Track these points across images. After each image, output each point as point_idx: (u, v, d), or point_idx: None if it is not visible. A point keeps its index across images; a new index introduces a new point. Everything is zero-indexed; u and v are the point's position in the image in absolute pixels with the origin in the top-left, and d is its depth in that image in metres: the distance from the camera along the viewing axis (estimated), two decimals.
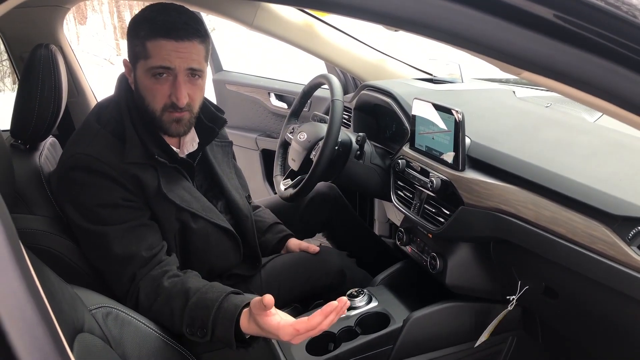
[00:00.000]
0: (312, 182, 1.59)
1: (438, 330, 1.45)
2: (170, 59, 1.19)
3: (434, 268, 1.49)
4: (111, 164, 1.21)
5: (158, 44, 1.18)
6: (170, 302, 1.18)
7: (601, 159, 1.19)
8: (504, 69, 0.67)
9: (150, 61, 1.20)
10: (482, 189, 1.26)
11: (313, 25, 2.00)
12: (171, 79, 1.21)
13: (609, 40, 0.61)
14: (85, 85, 2.10)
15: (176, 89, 1.21)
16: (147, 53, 1.20)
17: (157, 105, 1.24)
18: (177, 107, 1.23)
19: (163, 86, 1.22)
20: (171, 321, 1.17)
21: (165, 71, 1.20)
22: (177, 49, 1.19)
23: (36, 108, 1.29)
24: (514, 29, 0.60)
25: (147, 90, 1.23)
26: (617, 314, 1.09)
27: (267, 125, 2.64)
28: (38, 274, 0.85)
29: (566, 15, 0.59)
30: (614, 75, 0.63)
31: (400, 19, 0.56)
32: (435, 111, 1.38)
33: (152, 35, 1.18)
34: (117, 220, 1.22)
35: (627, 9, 0.60)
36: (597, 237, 1.02)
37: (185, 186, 1.34)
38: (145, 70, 1.21)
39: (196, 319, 1.14)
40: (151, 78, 1.21)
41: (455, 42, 0.59)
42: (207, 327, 1.12)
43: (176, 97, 1.21)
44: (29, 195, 1.29)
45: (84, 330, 0.94)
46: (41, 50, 1.30)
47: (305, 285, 1.57)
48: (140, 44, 1.20)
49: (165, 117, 1.25)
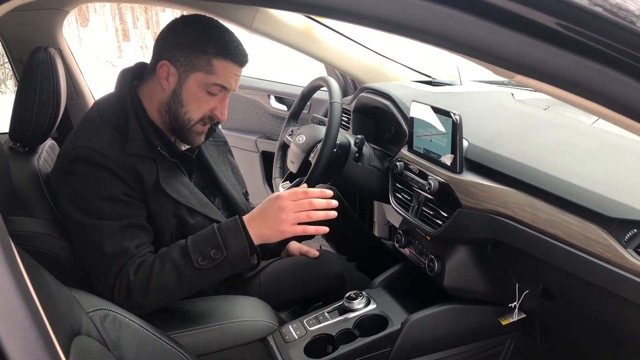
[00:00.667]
0: (311, 184, 1.59)
1: (436, 333, 1.45)
2: (231, 82, 1.29)
3: (432, 270, 1.49)
4: (112, 157, 1.23)
5: (226, 65, 1.27)
6: (167, 257, 1.22)
7: (598, 161, 1.19)
8: (497, 72, 0.67)
9: (213, 78, 1.27)
10: (479, 191, 1.27)
11: (312, 28, 2.01)
12: (220, 96, 1.31)
13: (603, 45, 0.61)
14: (84, 88, 2.10)
15: (223, 106, 1.32)
16: (211, 69, 1.26)
17: (196, 116, 1.30)
18: (213, 121, 1.34)
19: (211, 101, 1.30)
20: (177, 272, 1.21)
21: (222, 90, 1.30)
22: (237, 73, 1.30)
23: (34, 111, 1.29)
24: (506, 32, 0.60)
25: (195, 101, 1.29)
26: (614, 316, 1.09)
27: (267, 127, 2.65)
28: (34, 276, 0.85)
29: (561, 20, 0.59)
30: (607, 78, 0.63)
31: (392, 23, 0.56)
32: (433, 113, 1.39)
33: (223, 56, 1.26)
34: (114, 215, 1.23)
35: (625, 15, 0.60)
36: (593, 240, 1.02)
37: (184, 181, 1.35)
38: (202, 83, 1.28)
39: (205, 247, 1.22)
40: (204, 91, 1.28)
41: (448, 46, 0.59)
42: (219, 247, 1.21)
43: (221, 112, 1.32)
44: (28, 198, 1.30)
45: (81, 332, 0.94)
46: (40, 54, 1.30)
47: (305, 288, 1.58)
48: (206, 59, 1.26)
49: (197, 127, 1.32)
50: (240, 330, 1.32)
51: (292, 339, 1.41)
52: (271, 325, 1.36)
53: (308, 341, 1.40)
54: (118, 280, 1.22)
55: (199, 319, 1.31)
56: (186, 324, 1.29)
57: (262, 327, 1.35)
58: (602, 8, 0.59)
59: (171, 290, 1.23)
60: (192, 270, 1.22)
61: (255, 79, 2.68)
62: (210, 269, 1.22)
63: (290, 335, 1.42)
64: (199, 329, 1.28)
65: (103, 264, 1.23)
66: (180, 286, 1.23)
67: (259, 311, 1.37)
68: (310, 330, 1.44)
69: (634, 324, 1.05)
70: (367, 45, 2.14)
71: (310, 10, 0.64)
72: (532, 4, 0.59)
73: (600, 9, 0.59)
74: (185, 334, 1.27)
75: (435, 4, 0.55)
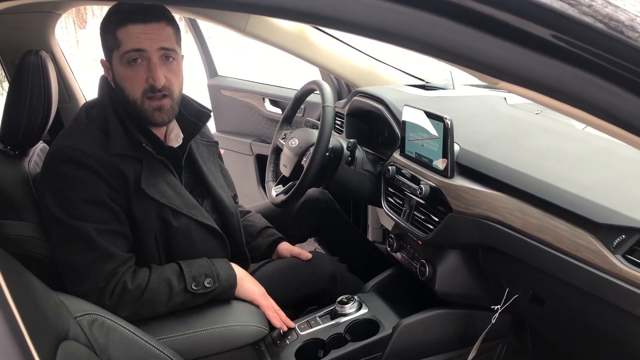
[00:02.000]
0: (303, 188, 1.59)
1: (427, 338, 1.44)
2: (140, 41, 1.22)
3: (423, 275, 1.49)
4: (97, 158, 1.23)
5: (127, 30, 1.22)
6: (164, 275, 1.28)
7: (588, 167, 1.20)
8: (481, 79, 0.67)
9: (122, 48, 1.23)
10: (470, 196, 1.26)
11: (305, 32, 2.01)
12: (145, 63, 1.24)
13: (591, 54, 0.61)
14: (77, 91, 2.10)
15: (151, 70, 1.24)
16: (118, 42, 1.23)
17: (136, 93, 1.26)
18: (155, 90, 1.25)
19: (139, 71, 1.24)
20: (170, 290, 1.28)
21: (139, 55, 1.23)
22: (146, 31, 1.22)
23: (25, 114, 1.29)
24: (489, 39, 0.60)
25: (125, 79, 1.26)
26: (603, 321, 1.09)
27: (261, 130, 2.64)
28: (20, 280, 0.85)
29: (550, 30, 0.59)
30: (594, 87, 0.63)
31: (374, 30, 0.56)
32: (425, 117, 1.39)
33: (121, 23, 1.22)
34: (99, 219, 1.23)
35: (615, 25, 0.60)
36: (582, 245, 1.02)
37: (170, 181, 1.34)
38: (119, 59, 1.25)
39: (199, 275, 1.31)
40: (126, 66, 1.24)
41: (429, 52, 0.59)
42: (212, 276, 1.33)
43: (152, 77, 1.24)
44: (18, 202, 1.29)
45: (68, 337, 0.94)
46: (31, 57, 1.30)
47: (297, 291, 1.57)
48: (112, 36, 1.24)
49: (146, 105, 1.27)
50: (231, 335, 1.32)
51: (283, 344, 1.41)
52: (262, 329, 1.36)
53: (299, 346, 1.40)
54: (111, 285, 1.22)
55: (189, 323, 1.30)
56: (176, 328, 1.28)
57: (253, 332, 1.35)
58: (593, 18, 0.59)
59: (157, 307, 1.29)
60: (184, 293, 1.29)
61: (250, 82, 2.68)
62: (201, 295, 1.32)
63: (282, 340, 1.42)
64: (188, 333, 1.28)
65: (92, 266, 1.22)
66: (167, 305, 1.29)
67: (249, 315, 1.37)
68: (301, 334, 1.44)
69: (623, 330, 1.05)
70: (361, 49, 2.14)
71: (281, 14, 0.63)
72: (521, 13, 0.59)
73: (590, 19, 0.59)
74: (175, 339, 1.26)
75: (415, 10, 0.55)
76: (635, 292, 0.94)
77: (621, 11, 0.60)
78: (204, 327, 1.30)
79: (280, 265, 1.60)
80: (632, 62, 0.60)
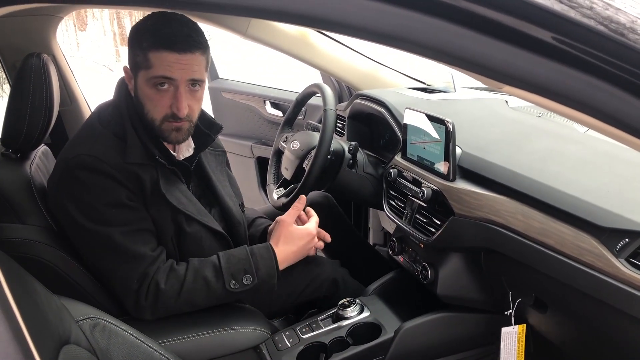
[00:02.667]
0: (305, 191, 1.59)
1: (429, 341, 1.44)
2: (171, 71, 1.21)
3: (425, 278, 1.49)
4: (114, 164, 1.23)
5: (160, 55, 1.20)
6: (201, 273, 1.29)
7: (590, 170, 1.19)
8: (485, 82, 0.67)
9: (151, 71, 1.22)
10: (472, 199, 1.26)
11: (307, 35, 2.01)
12: (172, 89, 1.24)
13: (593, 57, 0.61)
14: (78, 94, 2.10)
15: (177, 100, 1.23)
16: (149, 63, 1.22)
17: (157, 115, 1.26)
18: (177, 118, 1.25)
19: (164, 96, 1.24)
20: (207, 289, 1.29)
21: (167, 81, 1.23)
22: (179, 61, 1.21)
23: (27, 117, 1.29)
24: (495, 43, 0.60)
25: (148, 99, 1.26)
26: (606, 325, 1.09)
27: (262, 132, 2.64)
28: (21, 284, 0.85)
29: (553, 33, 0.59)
30: (596, 90, 0.63)
31: (378, 33, 0.56)
32: (426, 121, 1.39)
33: (155, 46, 1.20)
34: (122, 221, 1.24)
35: (615, 27, 0.60)
36: (585, 249, 1.02)
37: (182, 189, 1.35)
38: (146, 79, 1.23)
39: (238, 271, 1.31)
40: (152, 88, 1.24)
41: (434, 57, 0.59)
42: (252, 272, 1.31)
43: (177, 107, 1.24)
44: (19, 205, 1.29)
45: (70, 341, 0.94)
46: (32, 60, 1.30)
47: (300, 296, 1.57)
48: (142, 55, 1.22)
49: (165, 126, 1.27)
50: (232, 339, 1.32)
51: (284, 347, 1.40)
52: (263, 333, 1.36)
53: (301, 349, 1.39)
54: (144, 285, 1.24)
55: (191, 326, 1.30)
56: (177, 332, 1.28)
57: (254, 336, 1.34)
58: (594, 21, 0.59)
59: (197, 304, 1.31)
60: (222, 290, 1.30)
61: (251, 85, 2.68)
62: (240, 293, 1.32)
63: (283, 343, 1.41)
64: (190, 337, 1.28)
65: (123, 268, 1.24)
66: (206, 302, 1.31)
67: (251, 319, 1.37)
68: (303, 338, 1.43)
69: (626, 334, 1.05)
70: (362, 52, 2.14)
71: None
72: (523, 16, 0.59)
73: (592, 21, 0.59)
74: (176, 342, 1.26)
75: (419, 14, 0.55)
76: (638, 296, 0.93)
77: (622, 13, 0.60)
78: (205, 331, 1.30)
79: (282, 271, 1.59)
80: (633, 64, 0.60)
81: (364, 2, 0.56)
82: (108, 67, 11.84)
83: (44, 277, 0.97)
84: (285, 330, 1.45)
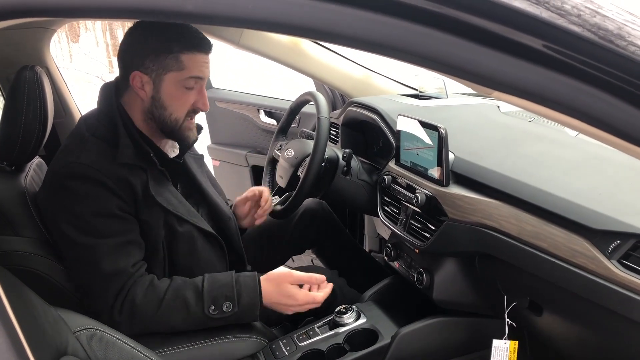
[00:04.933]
0: (300, 198, 1.60)
1: (426, 346, 1.44)
2: (203, 70, 1.30)
3: (421, 283, 1.49)
4: (105, 171, 1.23)
5: (194, 57, 1.28)
6: (181, 294, 1.26)
7: (582, 173, 1.21)
8: (475, 89, 0.68)
9: (185, 73, 1.28)
10: (465, 204, 1.27)
11: (299, 43, 2.02)
12: (197, 88, 1.32)
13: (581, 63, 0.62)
14: (72, 106, 2.10)
15: (203, 96, 1.33)
16: (181, 65, 1.27)
17: (181, 114, 1.32)
18: (197, 112, 1.35)
19: (190, 95, 1.31)
20: (186, 311, 1.26)
21: (197, 81, 1.31)
22: (207, 61, 1.31)
23: (21, 130, 1.29)
24: (481, 50, 0.61)
25: (176, 100, 1.31)
26: (600, 327, 1.10)
27: (257, 141, 2.65)
28: (18, 296, 0.85)
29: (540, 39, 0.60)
30: (584, 95, 0.64)
31: (369, 42, 0.57)
32: (419, 127, 1.40)
33: (187, 48, 1.27)
34: (109, 232, 1.23)
35: (604, 34, 0.61)
36: (577, 251, 1.03)
37: (171, 190, 1.36)
38: (177, 81, 1.28)
39: (219, 297, 1.27)
40: (181, 88, 1.30)
41: (427, 65, 0.60)
42: (232, 299, 1.27)
43: (203, 103, 1.34)
44: (14, 217, 1.29)
45: (67, 352, 0.94)
46: (26, 72, 1.30)
47: None
48: (174, 58, 1.27)
49: (186, 124, 1.34)
50: (230, 348, 1.32)
51: (282, 355, 1.40)
52: (260, 341, 1.36)
53: (298, 357, 1.39)
54: (119, 300, 1.23)
55: (188, 336, 1.30)
56: (175, 342, 1.28)
57: (251, 344, 1.34)
58: (582, 27, 0.60)
59: (174, 325, 1.28)
60: (201, 315, 1.27)
61: (244, 94, 2.68)
62: (218, 320, 1.28)
63: (280, 351, 1.41)
64: (187, 346, 1.28)
65: (100, 283, 1.23)
66: (183, 325, 1.28)
67: (248, 328, 1.37)
68: (300, 345, 1.43)
69: (619, 335, 1.06)
70: (355, 60, 2.15)
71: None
72: (512, 23, 0.60)
73: (579, 28, 0.60)
74: (174, 352, 1.26)
75: (408, 22, 0.56)
76: (631, 297, 0.95)
77: (609, 20, 0.61)
78: (202, 340, 1.29)
79: None
80: (622, 70, 0.61)
81: (353, 12, 0.58)
82: (101, 78, 11.82)
83: (40, 288, 0.97)
84: (283, 338, 1.46)
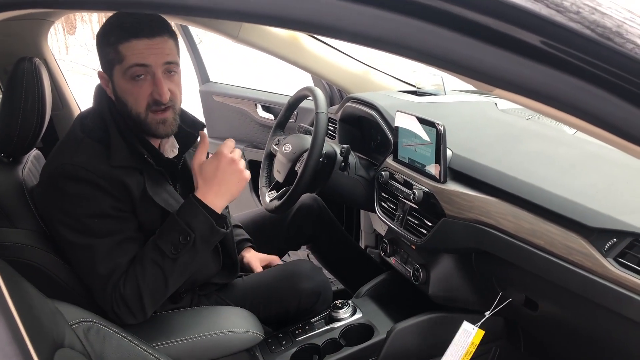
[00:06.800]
0: (297, 193, 1.60)
1: (421, 342, 1.45)
2: (144, 56, 1.20)
3: (417, 279, 1.50)
4: (98, 172, 1.21)
5: (130, 45, 1.20)
6: (145, 257, 1.24)
7: (579, 171, 1.21)
8: (476, 86, 0.68)
9: (125, 62, 1.21)
10: (462, 200, 1.28)
11: (298, 38, 2.02)
12: (150, 78, 1.22)
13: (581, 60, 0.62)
14: (70, 98, 2.09)
15: (157, 85, 1.22)
16: (120, 56, 1.20)
17: (140, 108, 1.24)
18: (160, 104, 1.24)
19: (143, 87, 1.23)
20: (158, 268, 1.23)
21: (143, 70, 1.21)
22: (150, 46, 1.20)
23: (19, 121, 1.29)
24: (485, 47, 0.61)
25: (128, 94, 1.24)
26: (595, 324, 1.11)
27: (254, 136, 2.65)
28: (15, 288, 0.85)
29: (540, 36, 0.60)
30: (584, 93, 0.64)
31: (369, 38, 0.57)
32: (417, 123, 1.40)
33: (124, 38, 1.19)
34: (105, 232, 1.23)
35: (602, 31, 0.61)
36: (574, 249, 1.03)
37: (169, 190, 1.34)
38: (122, 73, 1.22)
39: (172, 237, 1.23)
40: (130, 81, 1.22)
41: (425, 60, 0.60)
42: (184, 231, 1.23)
43: (158, 93, 1.22)
44: (11, 209, 1.28)
45: (64, 345, 0.94)
46: (24, 64, 1.30)
47: (279, 308, 1.54)
48: (113, 50, 1.21)
49: (150, 118, 1.26)
50: (226, 341, 1.32)
51: (278, 349, 1.41)
52: (256, 335, 1.36)
53: (294, 351, 1.40)
54: (113, 296, 1.23)
55: (184, 329, 1.30)
56: (171, 335, 1.28)
57: (248, 338, 1.35)
58: (581, 25, 0.60)
59: (162, 287, 1.25)
60: (172, 263, 1.24)
61: (242, 88, 2.68)
62: (185, 254, 1.24)
63: (277, 346, 1.42)
64: (184, 339, 1.28)
65: (99, 283, 1.23)
66: (168, 280, 1.25)
67: (244, 321, 1.37)
68: (296, 340, 1.44)
69: (615, 332, 1.07)
70: (353, 55, 2.15)
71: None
72: (511, 20, 0.60)
73: (578, 25, 0.60)
74: (170, 345, 1.26)
75: (410, 18, 0.56)
76: (626, 295, 0.95)
77: (607, 18, 0.61)
78: (199, 334, 1.30)
79: (262, 280, 1.58)
80: (619, 67, 0.61)
81: (354, 7, 0.58)
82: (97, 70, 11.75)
83: (36, 280, 0.97)
84: (279, 332, 1.46)
